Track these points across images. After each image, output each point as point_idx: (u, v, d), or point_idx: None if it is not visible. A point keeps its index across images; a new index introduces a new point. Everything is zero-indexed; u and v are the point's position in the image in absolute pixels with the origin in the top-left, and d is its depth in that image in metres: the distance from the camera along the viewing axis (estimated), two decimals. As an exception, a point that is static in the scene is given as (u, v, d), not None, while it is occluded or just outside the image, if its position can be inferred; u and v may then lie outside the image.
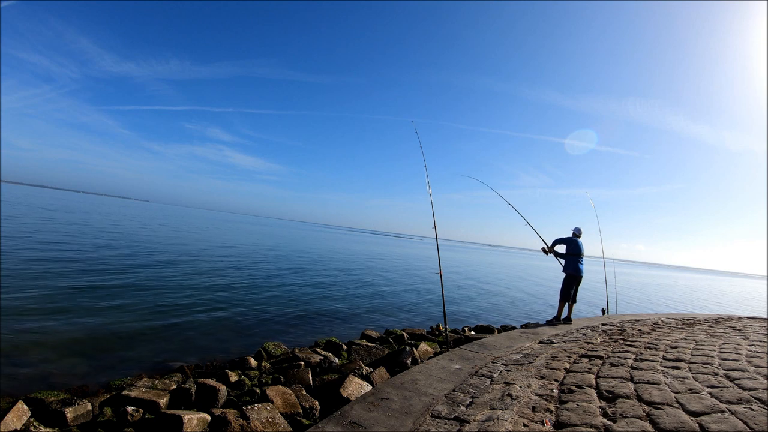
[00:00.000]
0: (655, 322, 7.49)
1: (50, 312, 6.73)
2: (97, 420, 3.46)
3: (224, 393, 4.02)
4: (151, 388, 3.98)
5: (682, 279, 58.00)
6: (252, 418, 3.32)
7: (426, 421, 2.81)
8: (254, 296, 10.19)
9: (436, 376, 3.85)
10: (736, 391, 3.07)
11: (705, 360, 4.13)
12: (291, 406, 3.79)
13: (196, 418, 3.30)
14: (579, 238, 7.51)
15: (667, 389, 3.19)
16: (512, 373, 3.92)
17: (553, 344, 5.32)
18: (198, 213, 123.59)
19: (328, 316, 9.15)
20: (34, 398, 3.65)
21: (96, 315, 6.94)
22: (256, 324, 7.73)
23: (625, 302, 17.01)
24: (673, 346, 4.86)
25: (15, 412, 3.22)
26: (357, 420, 2.78)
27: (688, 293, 29.70)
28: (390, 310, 10.75)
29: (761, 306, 24.95)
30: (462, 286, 18.05)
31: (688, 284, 43.47)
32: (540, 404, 3.04)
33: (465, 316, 11.14)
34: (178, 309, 8.00)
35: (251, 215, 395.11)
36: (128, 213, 53.58)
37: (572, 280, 7.29)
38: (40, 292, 7.77)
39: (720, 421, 2.53)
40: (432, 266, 25.00)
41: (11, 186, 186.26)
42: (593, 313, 12.17)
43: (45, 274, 9.34)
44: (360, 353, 5.75)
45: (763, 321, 8.39)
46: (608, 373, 3.74)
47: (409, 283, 16.96)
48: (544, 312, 13.03)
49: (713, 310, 18.48)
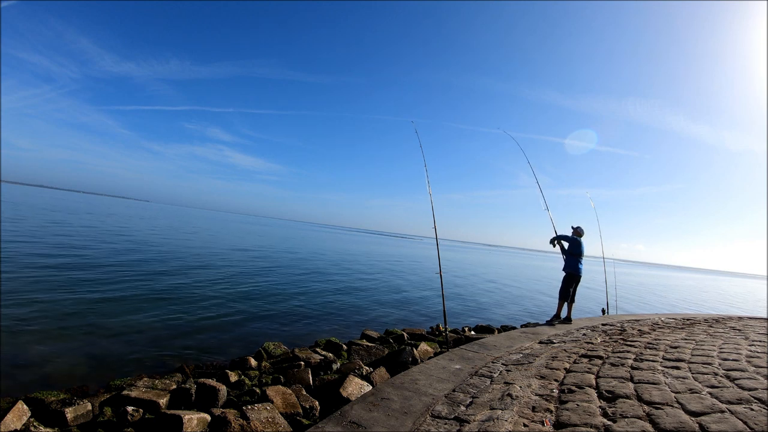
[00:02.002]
0: (655, 322, 7.49)
1: (50, 312, 6.73)
2: (97, 420, 3.46)
3: (224, 393, 4.02)
4: (151, 388, 3.98)
5: (682, 279, 58.00)
6: (252, 418, 3.32)
7: (426, 421, 2.81)
8: (254, 296, 10.19)
9: (436, 376, 3.85)
10: (736, 391, 3.07)
11: (705, 360, 4.13)
12: (291, 406, 3.79)
13: (196, 418, 3.30)
14: (581, 237, 7.51)
15: (667, 389, 3.19)
16: (512, 373, 3.92)
17: (553, 344, 5.32)
18: (198, 213, 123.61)
19: (328, 316, 9.15)
20: (34, 398, 3.65)
21: (96, 315, 6.94)
22: (256, 324, 7.74)
23: (625, 302, 17.00)
24: (673, 346, 4.86)
25: (15, 412, 3.22)
26: (357, 420, 2.78)
27: (688, 293, 29.71)
28: (390, 310, 10.76)
29: (761, 306, 24.96)
30: (462, 286, 18.05)
31: (688, 284, 43.48)
32: (540, 404, 3.04)
33: (465, 316, 11.15)
34: (178, 309, 8.00)
35: (251, 215, 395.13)
36: (129, 213, 53.57)
37: (571, 280, 7.29)
38: (40, 292, 7.77)
39: (720, 421, 2.53)
40: (432, 266, 25.00)
41: (11, 186, 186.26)
42: (593, 313, 12.17)
43: (45, 275, 9.34)
44: (360, 353, 5.75)
45: (763, 321, 8.39)
46: (608, 373, 3.74)
47: (409, 283, 16.97)
48: (544, 312, 13.03)
49: (713, 310, 18.48)
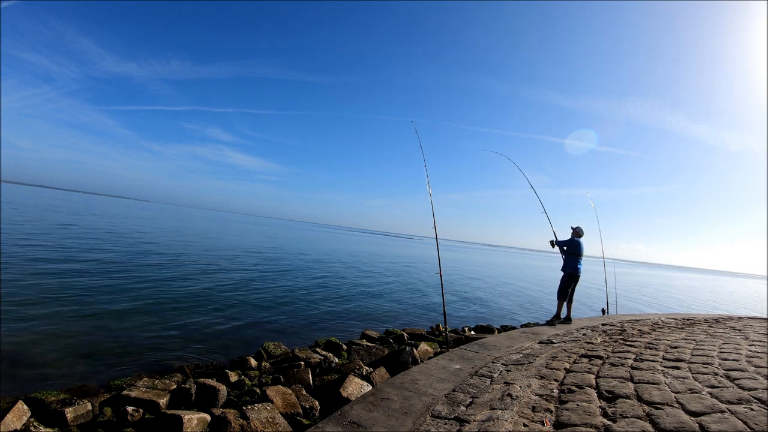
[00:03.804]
0: (655, 322, 7.49)
1: (51, 312, 6.73)
2: (97, 420, 3.46)
3: (224, 393, 4.02)
4: (151, 388, 3.98)
5: (682, 279, 58.00)
6: (252, 418, 3.32)
7: (426, 421, 2.81)
8: (254, 296, 10.19)
9: (436, 376, 3.85)
10: (736, 391, 3.06)
11: (705, 360, 4.13)
12: (291, 406, 3.79)
13: (196, 418, 3.30)
14: (580, 238, 7.51)
15: (667, 389, 3.19)
16: (512, 373, 3.92)
17: (553, 344, 5.32)
18: (198, 213, 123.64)
19: (328, 316, 9.15)
20: (34, 398, 3.65)
21: (96, 315, 6.94)
22: (256, 324, 7.73)
23: (625, 302, 17.00)
24: (673, 346, 4.86)
25: (15, 412, 3.22)
26: (357, 420, 2.78)
27: (688, 293, 29.70)
28: (390, 310, 10.75)
29: (761, 306, 24.96)
30: (462, 286, 18.05)
31: (688, 284, 43.47)
32: (540, 404, 3.04)
33: (465, 316, 11.14)
34: (179, 309, 8.00)
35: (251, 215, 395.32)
36: (129, 214, 53.58)
37: (570, 280, 7.29)
38: (40, 293, 7.77)
39: (720, 421, 2.53)
40: (432, 266, 24.99)
41: (11, 186, 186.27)
42: (593, 313, 12.18)
43: (45, 275, 9.34)
44: (360, 353, 5.75)
45: (763, 321, 8.39)
46: (608, 373, 3.74)
47: (409, 283, 16.96)
48: (544, 312, 13.03)
49: (713, 310, 18.48)
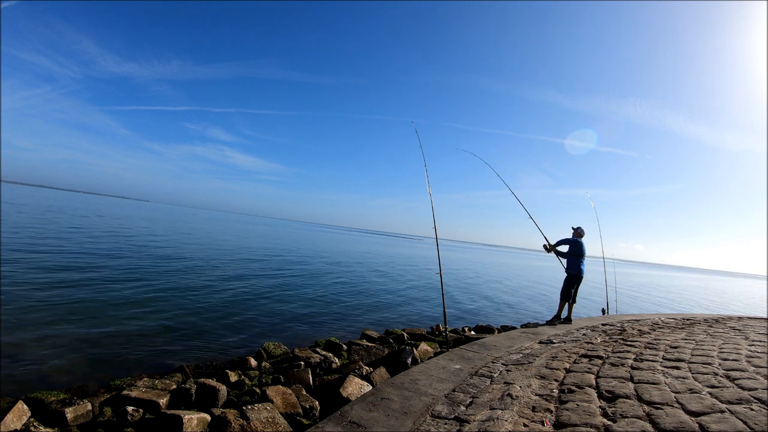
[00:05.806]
0: (655, 322, 7.49)
1: (51, 312, 6.73)
2: (97, 420, 3.46)
3: (224, 393, 4.02)
4: (151, 388, 3.98)
5: (682, 279, 57.99)
6: (252, 418, 3.32)
7: (426, 421, 2.81)
8: (254, 296, 10.19)
9: (436, 376, 3.85)
10: (736, 391, 3.06)
11: (705, 360, 4.13)
12: (291, 406, 3.79)
13: (196, 418, 3.30)
14: (581, 238, 7.50)
15: (667, 389, 3.19)
16: (512, 373, 3.92)
17: (553, 344, 5.32)
18: (198, 213, 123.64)
19: (328, 316, 9.15)
20: (34, 398, 3.65)
21: (96, 315, 6.94)
22: (256, 324, 7.73)
23: (625, 302, 17.01)
24: (673, 346, 4.86)
25: (15, 412, 3.22)
26: (357, 420, 2.78)
27: (687, 293, 29.70)
28: (390, 310, 10.75)
29: (761, 306, 24.95)
30: (462, 286, 18.05)
31: (688, 284, 43.47)
32: (540, 404, 3.04)
33: (465, 316, 11.15)
34: (179, 309, 8.00)
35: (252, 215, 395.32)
36: (128, 214, 53.56)
37: (574, 280, 7.29)
38: (40, 293, 7.77)
39: (720, 421, 2.53)
40: (432, 266, 25.00)
41: (11, 186, 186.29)
42: (593, 313, 12.18)
43: (45, 275, 9.34)
44: (360, 353, 5.75)
45: (763, 321, 8.38)
46: (608, 373, 3.74)
47: (409, 283, 16.96)
48: (544, 312, 13.03)
49: (713, 310, 18.48)
